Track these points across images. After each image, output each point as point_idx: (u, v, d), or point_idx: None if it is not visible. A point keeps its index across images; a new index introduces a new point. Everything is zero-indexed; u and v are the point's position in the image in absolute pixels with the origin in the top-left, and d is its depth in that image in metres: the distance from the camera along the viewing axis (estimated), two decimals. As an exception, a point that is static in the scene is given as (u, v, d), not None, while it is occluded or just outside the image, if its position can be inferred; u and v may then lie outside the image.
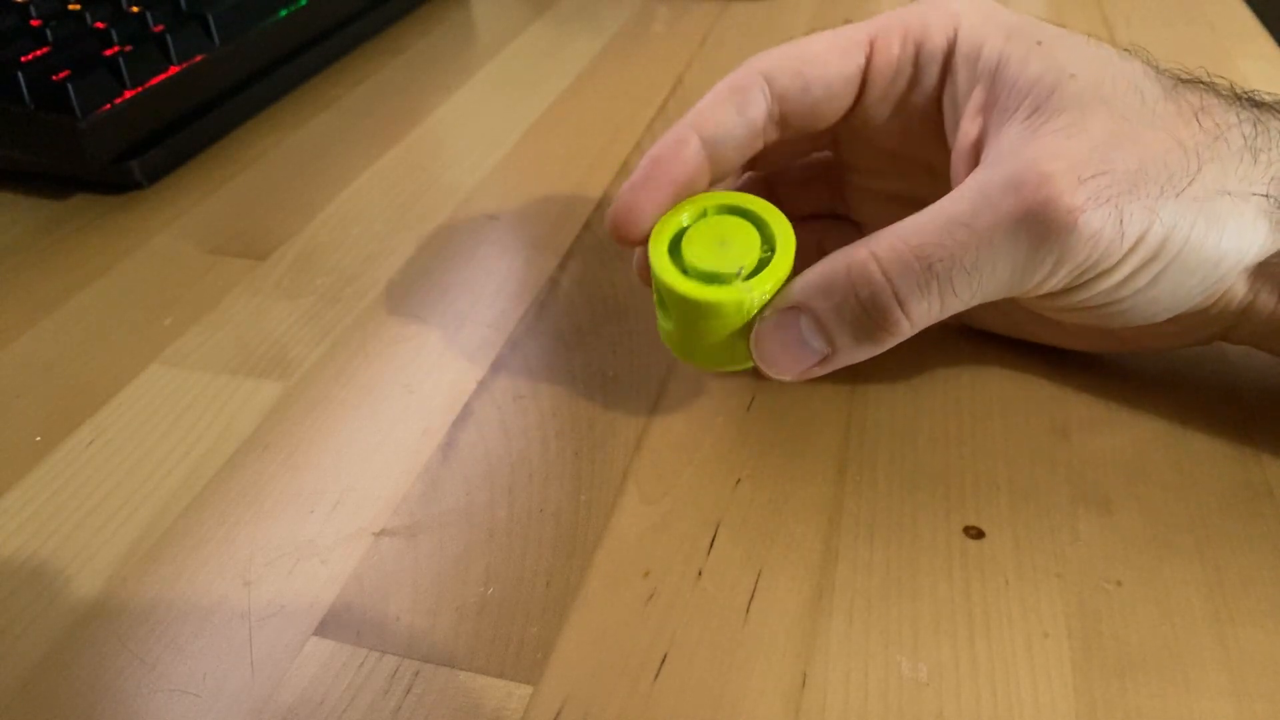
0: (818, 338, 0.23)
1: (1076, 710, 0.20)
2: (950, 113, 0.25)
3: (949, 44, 0.24)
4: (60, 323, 0.32)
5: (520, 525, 0.24)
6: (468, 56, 0.52)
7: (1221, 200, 0.21)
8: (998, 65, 0.23)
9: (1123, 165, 0.20)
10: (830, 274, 0.22)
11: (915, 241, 0.21)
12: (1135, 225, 0.20)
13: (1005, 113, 0.22)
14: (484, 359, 0.30)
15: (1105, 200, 0.20)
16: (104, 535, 0.24)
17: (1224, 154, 0.21)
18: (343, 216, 0.38)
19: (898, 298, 0.21)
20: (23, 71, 0.37)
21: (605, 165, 0.41)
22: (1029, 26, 0.23)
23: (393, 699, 0.20)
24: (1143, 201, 0.20)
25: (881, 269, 0.21)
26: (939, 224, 0.21)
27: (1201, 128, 0.21)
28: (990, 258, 0.21)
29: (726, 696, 0.20)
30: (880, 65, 0.25)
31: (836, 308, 0.22)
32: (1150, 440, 0.26)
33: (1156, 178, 0.20)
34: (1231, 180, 0.21)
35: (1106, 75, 0.22)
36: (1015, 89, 0.22)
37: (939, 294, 0.21)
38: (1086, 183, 0.20)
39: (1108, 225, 0.20)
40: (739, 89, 0.24)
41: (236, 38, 0.44)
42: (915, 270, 0.21)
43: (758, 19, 0.55)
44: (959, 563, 0.23)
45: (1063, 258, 0.20)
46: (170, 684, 0.21)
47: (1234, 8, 0.53)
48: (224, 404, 0.28)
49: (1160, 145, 0.21)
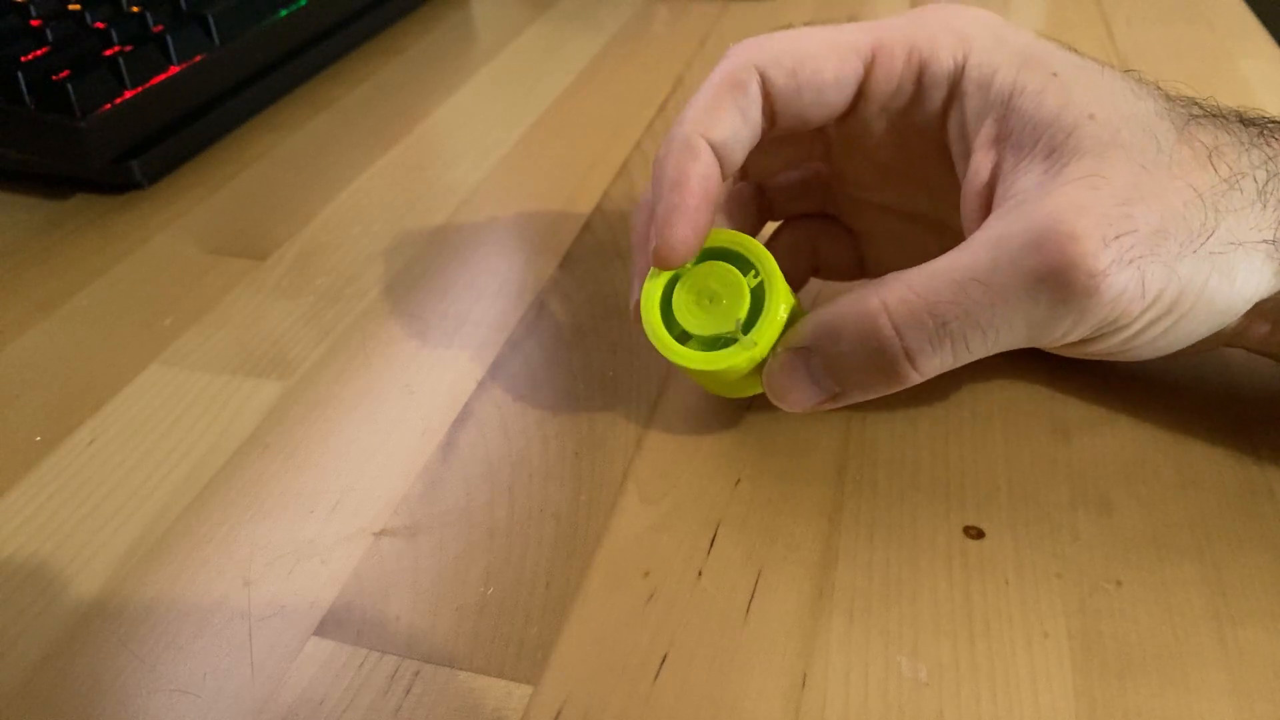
0: (827, 379, 0.23)
1: (1076, 710, 0.20)
2: (958, 139, 0.24)
3: (957, 67, 0.23)
4: (60, 323, 0.32)
5: (520, 525, 0.24)
6: (468, 56, 0.52)
7: (1235, 251, 0.20)
8: (1011, 95, 0.22)
9: (1145, 224, 0.20)
10: (840, 321, 0.22)
11: (930, 297, 0.21)
12: (1155, 283, 0.20)
13: (1020, 150, 0.22)
14: (484, 359, 0.30)
15: (1129, 262, 0.20)
16: (104, 535, 0.24)
17: (1238, 204, 0.20)
18: (343, 216, 0.38)
19: (907, 353, 0.21)
20: (23, 71, 0.37)
21: (605, 165, 0.41)
22: (1043, 54, 0.23)
23: (393, 699, 0.20)
24: (1163, 260, 0.20)
25: (892, 322, 0.21)
26: (955, 279, 0.21)
27: (1218, 174, 0.21)
28: (1007, 316, 0.20)
29: (726, 696, 0.20)
30: (880, 78, 0.24)
31: (845, 355, 0.22)
32: (1150, 440, 0.26)
33: (1177, 234, 0.20)
34: (1244, 229, 0.20)
35: (1124, 116, 0.21)
36: (1032, 124, 0.22)
37: (951, 350, 0.21)
38: (1111, 245, 0.19)
39: (1130, 286, 0.20)
40: (737, 85, 0.23)
41: (236, 38, 0.44)
42: (928, 326, 0.21)
43: (758, 19, 0.55)
44: (959, 563, 0.23)
45: (1082, 318, 0.20)
46: (170, 684, 0.21)
47: (1234, 8, 0.53)
48: (224, 404, 0.28)
49: (1180, 198, 0.20)
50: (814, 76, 0.23)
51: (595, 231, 0.36)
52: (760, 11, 0.56)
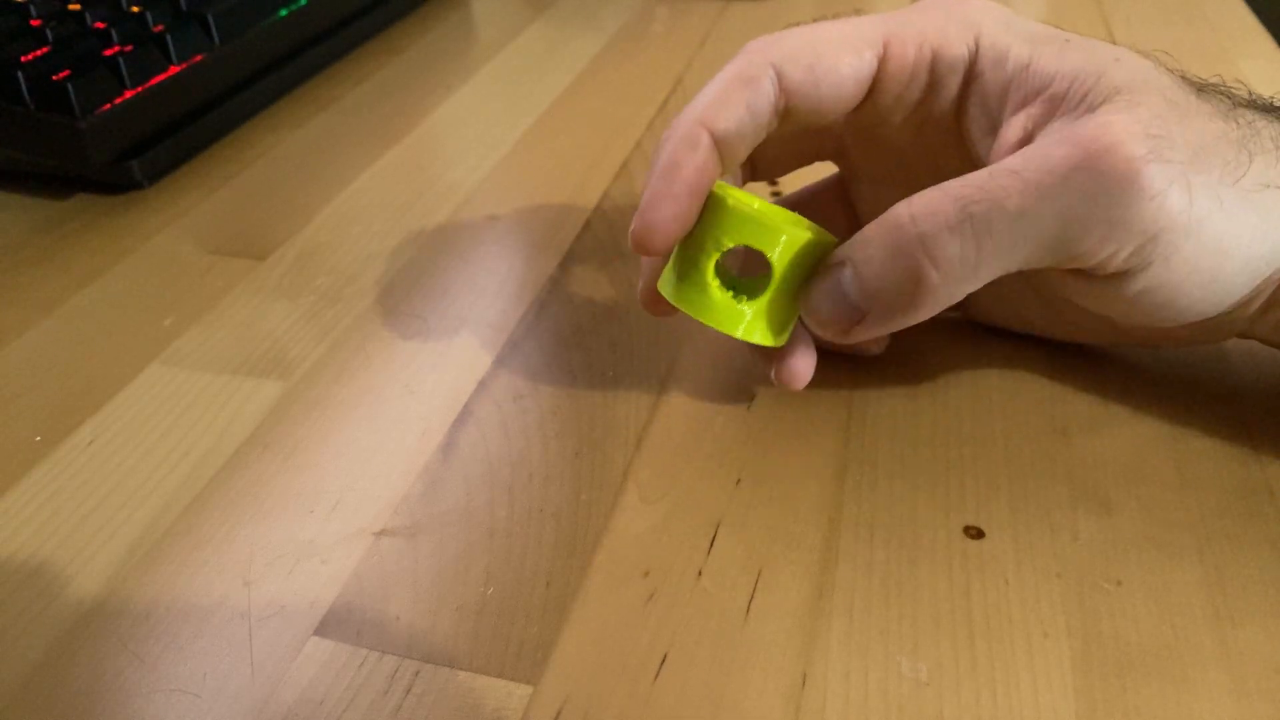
0: (856, 292, 0.22)
1: (1076, 710, 0.20)
2: (979, 119, 0.24)
3: (970, 54, 0.23)
4: (60, 323, 0.32)
5: (520, 525, 0.24)
6: (468, 56, 0.52)
7: (1268, 193, 0.20)
8: (1029, 63, 0.22)
9: (1184, 140, 0.20)
10: (872, 229, 0.22)
11: (956, 190, 0.20)
12: (1202, 203, 0.19)
13: (1054, 100, 0.21)
14: (484, 359, 0.30)
15: (1168, 161, 0.19)
16: (104, 535, 0.24)
17: (1266, 148, 0.21)
18: (343, 216, 0.38)
19: (922, 240, 0.21)
20: (23, 71, 0.37)
21: (605, 165, 0.41)
22: (1051, 31, 0.23)
23: (393, 699, 0.20)
24: (1205, 180, 0.19)
25: (912, 215, 0.21)
26: (984, 174, 0.20)
27: (1239, 124, 0.21)
28: (1037, 205, 0.20)
29: (726, 696, 0.20)
30: (894, 69, 0.24)
31: (870, 259, 0.22)
32: (1150, 440, 0.26)
33: (1213, 161, 0.20)
34: (1274, 173, 0.20)
35: (1144, 67, 0.21)
36: (1059, 76, 0.21)
37: (974, 239, 0.20)
38: (1150, 140, 0.19)
39: (1174, 191, 0.19)
40: (749, 80, 0.23)
41: (236, 38, 0.44)
42: (949, 214, 0.20)
43: (758, 19, 0.55)
44: (959, 563, 0.23)
45: (1123, 217, 0.19)
46: (170, 684, 0.21)
47: (1234, 8, 0.53)
48: (224, 404, 0.28)
49: (1213, 131, 0.20)
50: (830, 71, 0.23)
51: (595, 231, 0.36)
52: (760, 11, 0.56)
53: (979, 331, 0.29)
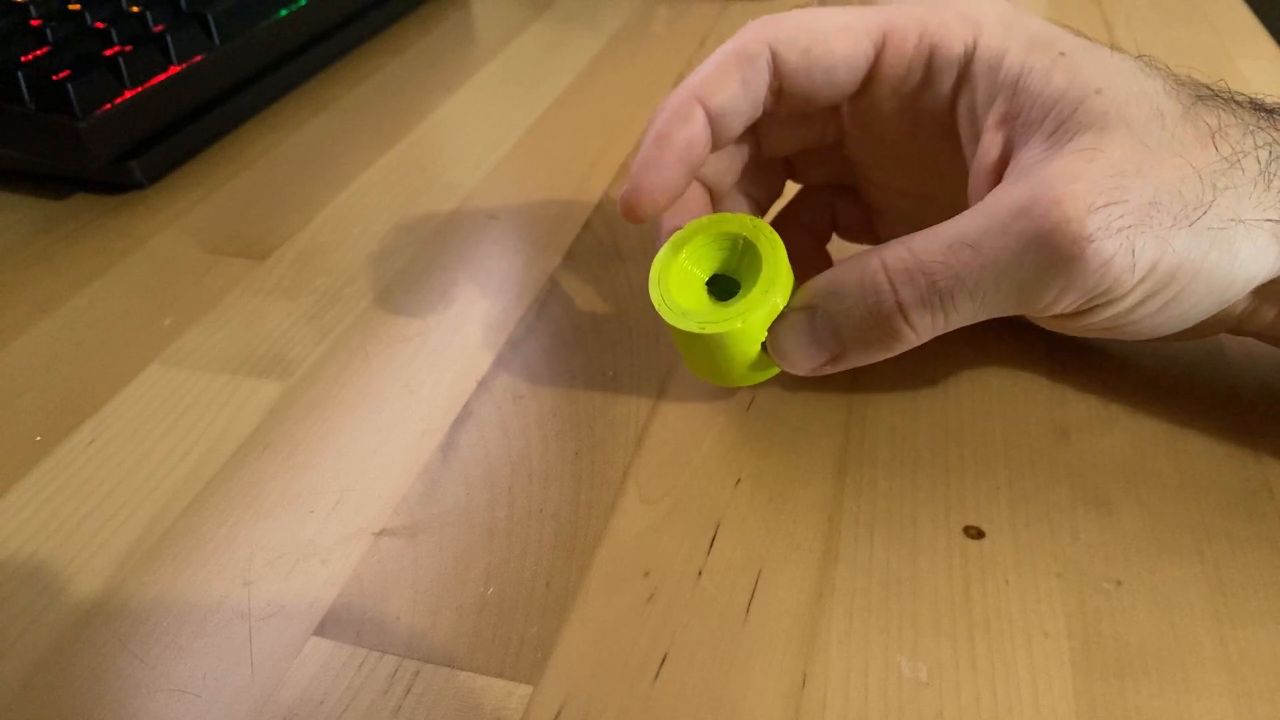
0: (829, 338, 0.23)
1: (1076, 710, 0.20)
2: (967, 122, 0.24)
3: (967, 52, 0.24)
4: (60, 323, 0.32)
5: (520, 525, 0.24)
6: (468, 56, 0.52)
7: (1235, 228, 0.20)
8: (1019, 76, 0.22)
9: (1138, 196, 0.20)
10: (843, 279, 0.23)
11: (923, 257, 0.21)
12: (1147, 256, 0.20)
13: (1029, 128, 0.22)
14: (484, 359, 0.30)
15: (1117, 230, 0.20)
16: (104, 535, 0.24)
17: (1239, 181, 0.21)
18: (343, 216, 0.38)
19: (901, 307, 0.22)
20: (23, 71, 0.37)
21: (605, 165, 0.41)
22: (1052, 35, 0.23)
23: (393, 699, 0.20)
24: (1155, 232, 0.20)
25: (889, 278, 0.22)
26: (946, 242, 0.21)
27: (1219, 153, 0.21)
28: (994, 279, 0.21)
29: (726, 696, 0.20)
30: (891, 60, 0.24)
31: (846, 311, 0.23)
32: (1150, 440, 0.26)
33: (1170, 208, 0.20)
34: (1245, 207, 0.20)
35: (1130, 92, 0.21)
36: (1039, 102, 0.22)
37: (942, 309, 0.22)
38: (1098, 212, 0.20)
39: (1119, 255, 0.20)
40: (746, 58, 0.24)
41: (236, 38, 0.44)
42: (920, 284, 0.21)
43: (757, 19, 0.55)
44: (959, 563, 0.23)
45: (1070, 284, 0.20)
46: (170, 684, 0.21)
47: (1234, 8, 0.53)
48: (224, 404, 0.28)
49: (1177, 174, 0.20)
50: (824, 56, 0.24)
51: (595, 231, 0.36)
52: (760, 12, 0.56)
53: (979, 331, 0.29)
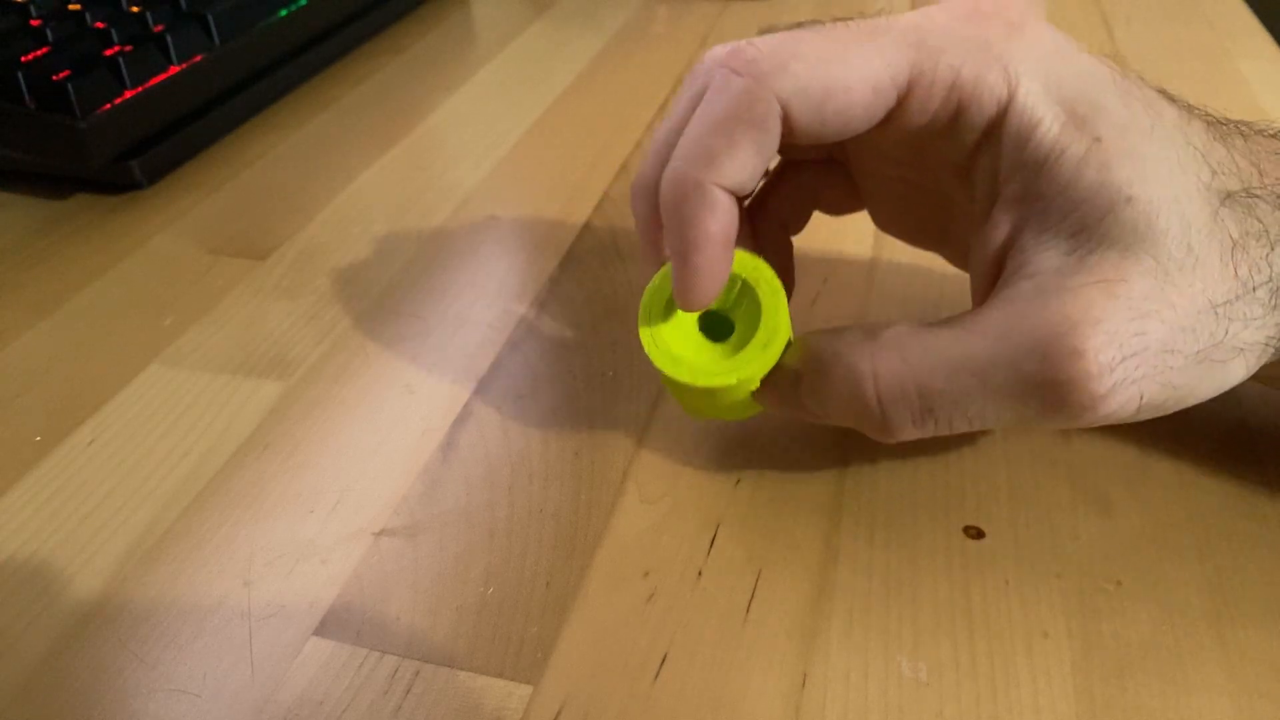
0: (814, 405, 0.23)
1: (1076, 710, 0.20)
2: (984, 180, 0.22)
3: (999, 112, 0.21)
4: (60, 323, 0.32)
5: (520, 525, 0.24)
6: (468, 56, 0.52)
7: (1236, 355, 0.20)
8: (1047, 158, 0.20)
9: (1156, 342, 0.19)
10: (832, 363, 0.22)
11: (922, 376, 0.20)
12: (1151, 399, 0.20)
13: (1046, 219, 0.21)
14: (484, 359, 0.30)
15: (1130, 383, 0.19)
16: (104, 535, 0.24)
17: (1250, 311, 0.20)
18: (343, 216, 0.38)
19: (886, 423, 0.21)
20: (23, 71, 0.37)
21: (605, 165, 0.41)
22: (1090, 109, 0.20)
23: (393, 699, 0.20)
24: (1165, 377, 0.20)
25: (878, 393, 0.21)
26: (951, 365, 0.20)
27: (1237, 277, 0.20)
28: (995, 411, 0.20)
29: (726, 696, 0.20)
30: (914, 109, 0.22)
31: (830, 396, 0.22)
32: (1150, 440, 0.26)
33: (1183, 349, 0.20)
34: (1250, 333, 0.20)
35: (1162, 199, 0.20)
36: (1064, 197, 0.20)
37: (933, 427, 0.21)
38: (1117, 369, 0.19)
39: (1127, 404, 0.20)
40: (756, 122, 0.21)
41: (236, 38, 0.44)
42: (913, 402, 0.21)
43: (758, 19, 0.55)
44: (959, 563, 0.23)
45: (1071, 423, 0.20)
46: (170, 684, 0.21)
47: (1234, 8, 0.53)
48: (224, 404, 0.29)
49: (1194, 307, 0.20)
50: (843, 111, 0.21)
51: (595, 231, 0.36)
52: (760, 12, 0.56)
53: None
